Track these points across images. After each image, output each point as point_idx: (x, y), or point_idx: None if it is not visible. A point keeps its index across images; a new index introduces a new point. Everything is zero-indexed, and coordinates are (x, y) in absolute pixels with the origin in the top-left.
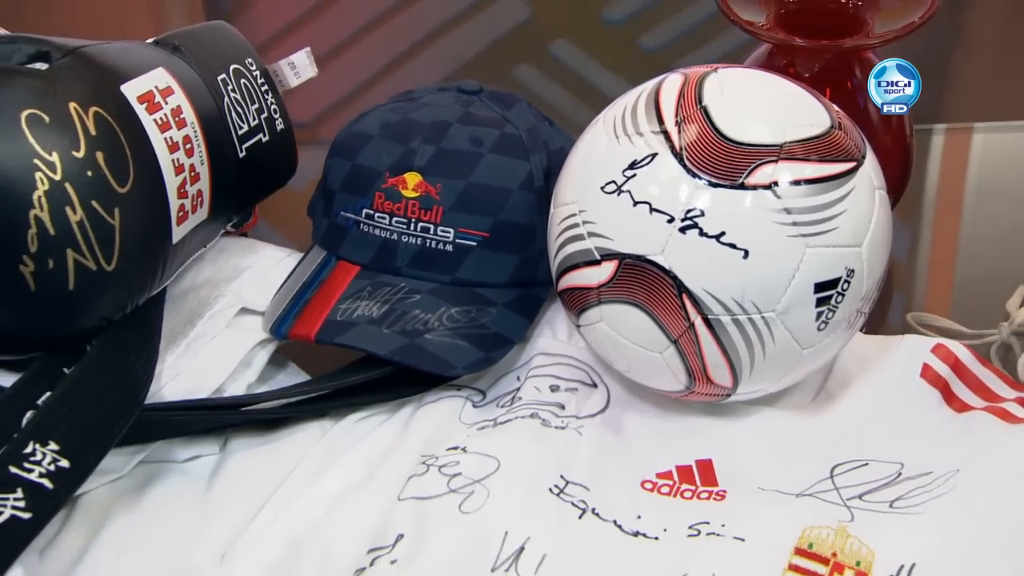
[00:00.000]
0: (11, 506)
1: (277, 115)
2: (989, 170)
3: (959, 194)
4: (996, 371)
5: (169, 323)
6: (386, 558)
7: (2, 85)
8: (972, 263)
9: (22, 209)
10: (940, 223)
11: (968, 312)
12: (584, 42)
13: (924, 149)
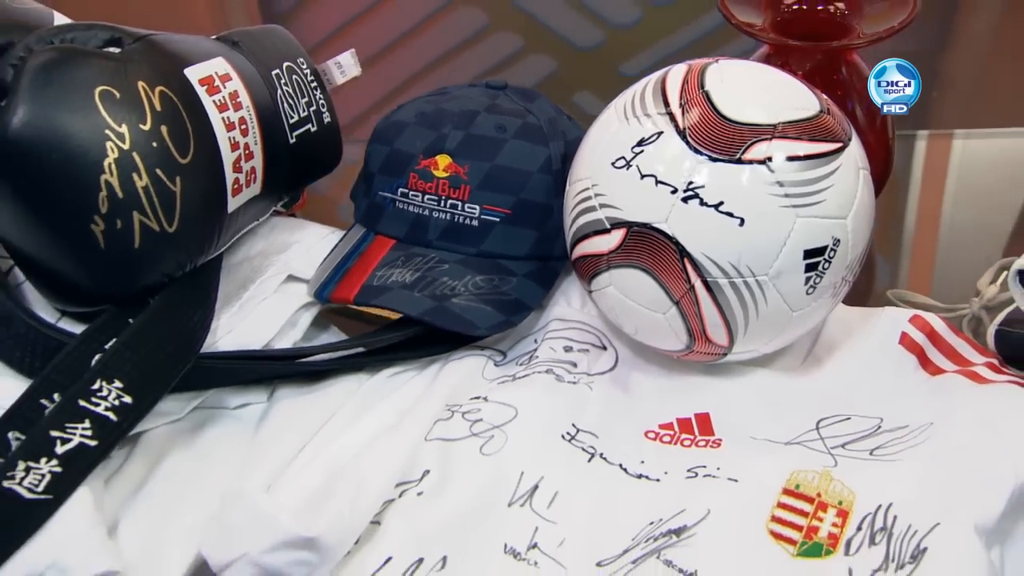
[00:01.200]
0: (79, 434)
1: (324, 109)
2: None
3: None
4: (967, 339)
5: (225, 288)
6: (413, 490)
7: (79, 65)
8: (949, 251)
9: (94, 174)
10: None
11: (944, 292)
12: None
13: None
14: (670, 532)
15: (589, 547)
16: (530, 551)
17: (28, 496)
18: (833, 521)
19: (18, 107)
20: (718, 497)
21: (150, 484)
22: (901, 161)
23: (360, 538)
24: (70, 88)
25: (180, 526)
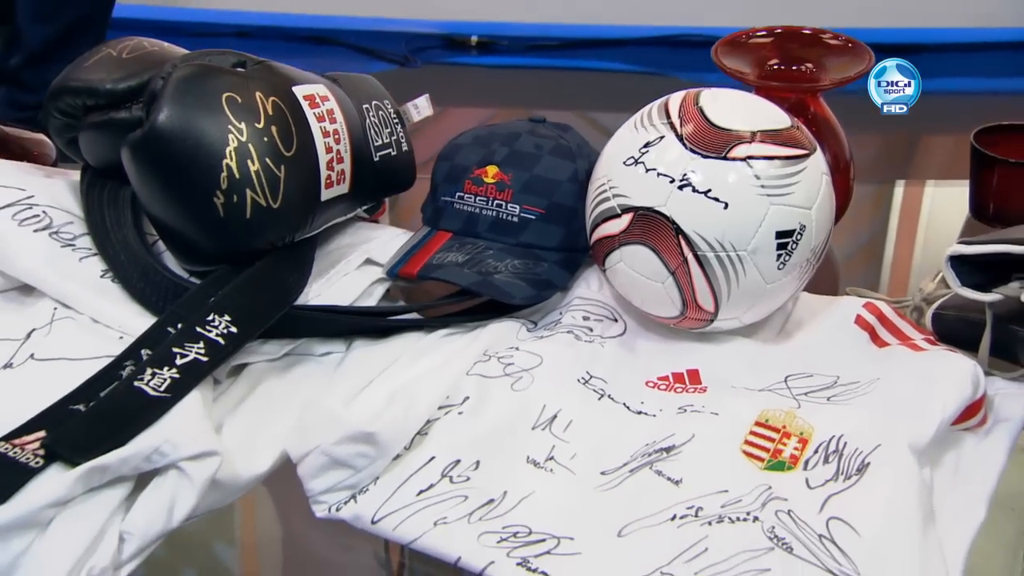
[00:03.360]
0: (195, 352)
1: (403, 140)
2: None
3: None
4: (910, 322)
5: (318, 266)
6: (455, 411)
7: (211, 77)
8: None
9: (218, 159)
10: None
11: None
12: None
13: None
14: (661, 450)
15: (595, 460)
16: (547, 461)
17: (152, 394)
18: (795, 446)
19: (163, 107)
20: (701, 425)
21: (248, 401)
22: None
23: (410, 443)
24: (203, 94)
25: (270, 432)
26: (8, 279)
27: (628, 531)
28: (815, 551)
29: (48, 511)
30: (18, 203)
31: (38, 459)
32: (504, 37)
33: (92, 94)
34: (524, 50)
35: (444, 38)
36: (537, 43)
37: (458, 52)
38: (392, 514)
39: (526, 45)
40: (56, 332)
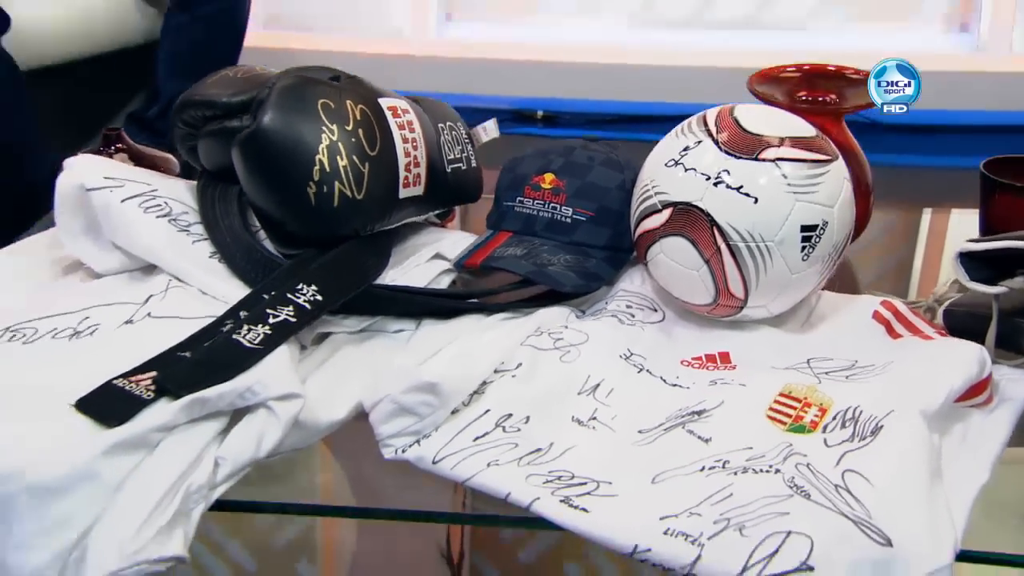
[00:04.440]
0: (285, 313)
1: (472, 158)
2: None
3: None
4: (922, 318)
5: (394, 258)
6: (508, 374)
7: (309, 87)
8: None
9: (312, 154)
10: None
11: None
12: None
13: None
14: (693, 413)
15: (633, 421)
16: (590, 420)
17: (248, 345)
18: (815, 414)
19: (268, 111)
20: (730, 394)
21: (329, 363)
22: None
23: (468, 400)
24: (301, 100)
25: (347, 387)
26: (133, 259)
27: (661, 479)
28: (831, 498)
29: (156, 434)
30: (144, 195)
31: (150, 393)
32: (566, 112)
33: (210, 106)
34: (583, 123)
35: (515, 112)
36: (594, 118)
37: (526, 124)
38: (450, 455)
39: (585, 119)
40: (170, 298)
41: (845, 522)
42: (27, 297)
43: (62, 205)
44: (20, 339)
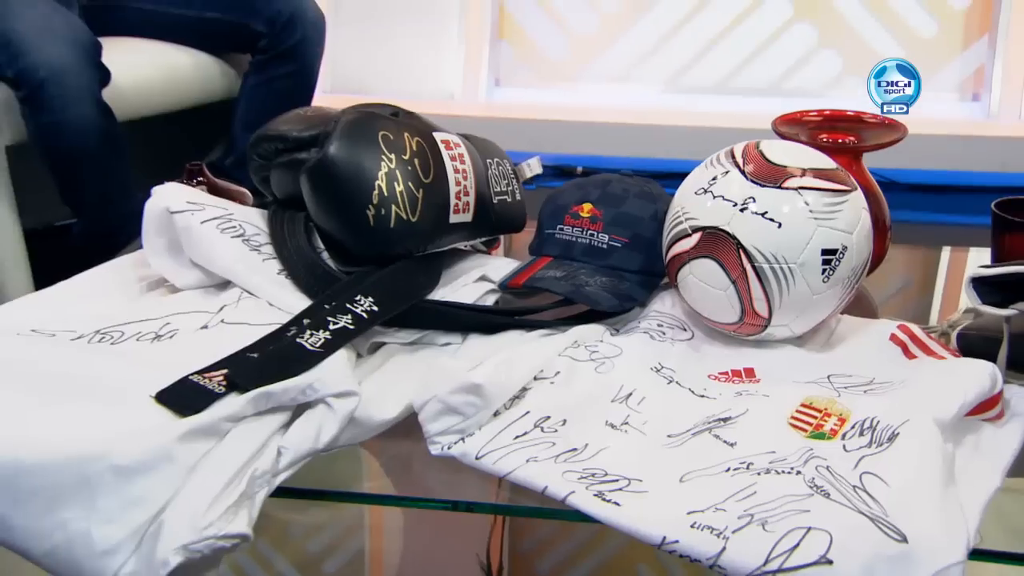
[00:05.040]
0: (344, 321)
1: (517, 192)
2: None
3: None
4: (937, 341)
5: (443, 279)
6: (547, 381)
7: (371, 120)
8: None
9: (372, 180)
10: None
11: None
12: None
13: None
14: (719, 420)
15: (663, 426)
16: (622, 425)
17: (310, 348)
18: (834, 423)
19: (334, 141)
20: (754, 404)
21: (382, 368)
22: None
23: (509, 403)
24: (364, 132)
25: (398, 390)
26: (210, 275)
27: (688, 478)
28: (849, 497)
29: (226, 424)
30: (221, 217)
31: (221, 387)
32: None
33: (282, 140)
34: None
35: (556, 168)
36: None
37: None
38: (492, 452)
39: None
40: (241, 307)
41: (863, 519)
42: (117, 306)
43: (149, 226)
44: (108, 340)
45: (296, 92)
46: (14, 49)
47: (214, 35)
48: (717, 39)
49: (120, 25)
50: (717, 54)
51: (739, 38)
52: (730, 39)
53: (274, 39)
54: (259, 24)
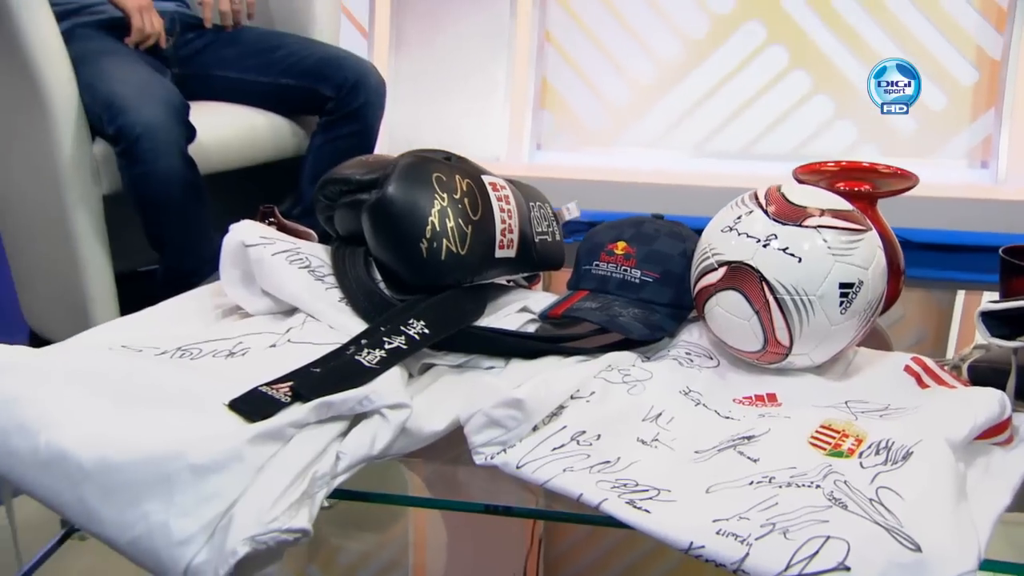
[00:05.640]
0: (398, 342)
1: (557, 233)
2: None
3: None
4: (949, 372)
5: (488, 309)
6: (583, 400)
7: (425, 163)
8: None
9: (425, 216)
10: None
11: None
12: None
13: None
14: (743, 438)
15: (691, 443)
16: (652, 441)
17: (367, 365)
18: (852, 443)
19: (392, 182)
20: (776, 424)
21: (432, 386)
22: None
23: (548, 419)
24: (419, 174)
25: (446, 405)
26: (278, 303)
27: (714, 489)
28: (866, 509)
29: (290, 430)
30: (290, 251)
31: (287, 397)
32: None
33: (346, 183)
34: None
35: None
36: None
37: None
38: (532, 462)
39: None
40: (306, 329)
41: (879, 530)
42: (195, 328)
43: (226, 258)
44: (188, 356)
45: (358, 150)
46: (116, 109)
47: (287, 99)
48: (741, 109)
49: (207, 90)
50: (741, 123)
51: (761, 109)
52: (753, 109)
53: (340, 103)
54: (328, 89)
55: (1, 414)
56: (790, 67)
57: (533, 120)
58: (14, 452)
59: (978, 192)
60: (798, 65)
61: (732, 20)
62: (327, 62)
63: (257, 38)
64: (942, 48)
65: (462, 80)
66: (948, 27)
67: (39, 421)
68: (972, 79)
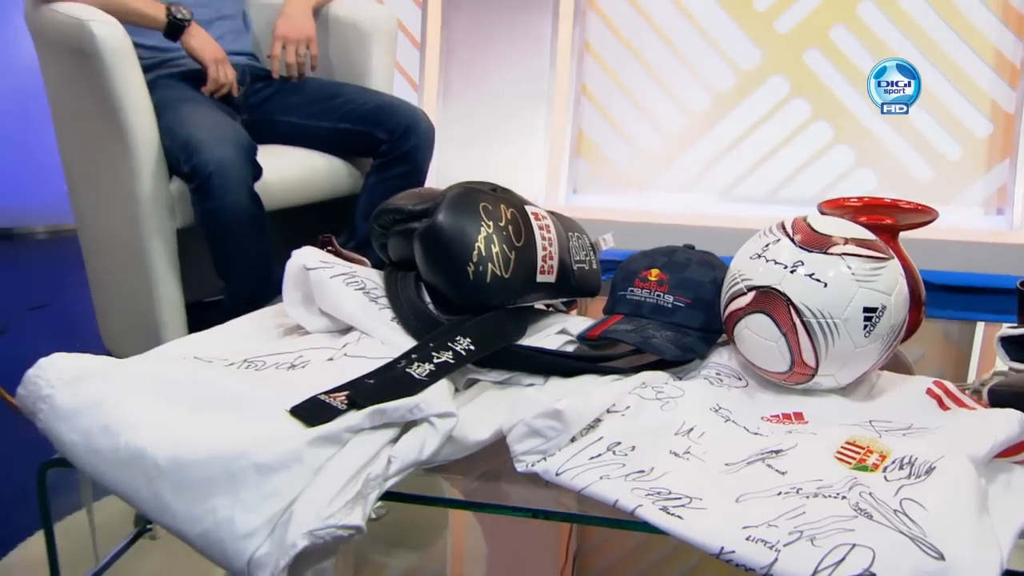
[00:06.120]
0: (445, 356)
1: (594, 262)
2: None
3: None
4: (969, 395)
5: (529, 331)
6: (618, 414)
7: (472, 194)
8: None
9: (472, 242)
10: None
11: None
12: None
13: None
14: (771, 452)
15: (721, 456)
16: (684, 454)
17: (417, 377)
18: (876, 458)
19: (441, 211)
20: (803, 440)
21: (476, 399)
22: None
23: (585, 431)
24: (466, 203)
25: (489, 417)
26: (335, 322)
27: (744, 499)
28: (890, 519)
29: (346, 435)
30: (347, 274)
31: (343, 404)
32: None
33: (399, 212)
34: None
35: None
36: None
37: None
38: (570, 470)
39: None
40: (360, 345)
41: (903, 538)
42: (260, 343)
43: (288, 281)
44: (254, 368)
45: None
46: (191, 149)
47: (345, 142)
48: (765, 157)
49: (272, 134)
50: (765, 170)
51: (785, 157)
52: (777, 157)
53: (392, 146)
54: (382, 133)
55: (87, 416)
56: (812, 118)
57: (570, 166)
58: (98, 451)
59: (994, 237)
60: (820, 116)
61: (757, 75)
62: (382, 109)
63: (319, 87)
64: (958, 102)
65: (504, 128)
66: (964, 83)
67: (120, 423)
68: (987, 131)
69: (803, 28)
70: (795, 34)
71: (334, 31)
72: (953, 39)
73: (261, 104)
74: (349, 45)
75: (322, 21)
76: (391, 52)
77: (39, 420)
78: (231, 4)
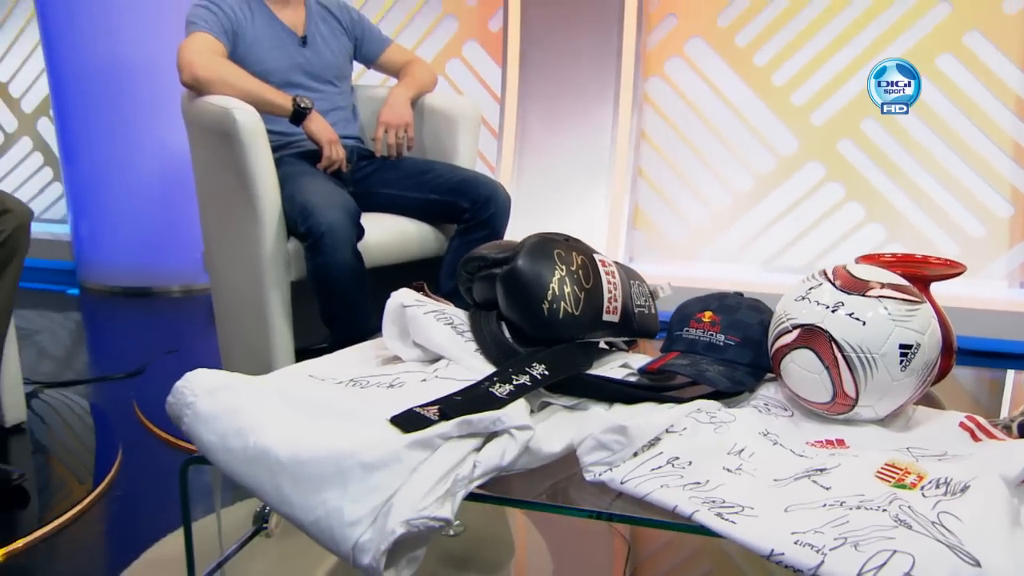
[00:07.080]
0: (523, 379)
1: (653, 306)
2: None
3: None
4: (1000, 429)
5: (596, 364)
6: (676, 434)
7: (548, 243)
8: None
9: (547, 283)
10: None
11: None
12: None
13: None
14: (816, 470)
15: (770, 473)
16: (736, 470)
17: (498, 395)
18: (914, 478)
19: (520, 257)
20: (845, 460)
21: (548, 420)
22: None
23: (647, 447)
24: (542, 250)
25: (561, 433)
26: (427, 353)
27: (792, 509)
28: (928, 529)
29: (438, 440)
30: (437, 311)
31: (436, 415)
32: None
33: (484, 260)
34: None
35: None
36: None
37: None
38: (634, 479)
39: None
40: (449, 369)
41: (941, 546)
42: (363, 368)
43: (388, 317)
44: (359, 386)
45: None
46: (307, 213)
47: (433, 211)
48: (803, 233)
49: (373, 204)
50: (804, 243)
51: (821, 232)
52: (814, 233)
53: (474, 213)
54: (465, 203)
55: (223, 421)
56: (845, 199)
57: (627, 237)
58: (231, 450)
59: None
60: (852, 198)
61: (795, 160)
62: (466, 182)
63: (413, 164)
64: (980, 187)
65: (570, 202)
66: (986, 170)
67: (250, 426)
68: (1008, 213)
69: (836, 120)
70: (829, 125)
71: (428, 118)
72: (974, 131)
73: (365, 178)
74: (440, 130)
75: (418, 110)
76: (475, 135)
77: (184, 423)
78: (344, 98)
